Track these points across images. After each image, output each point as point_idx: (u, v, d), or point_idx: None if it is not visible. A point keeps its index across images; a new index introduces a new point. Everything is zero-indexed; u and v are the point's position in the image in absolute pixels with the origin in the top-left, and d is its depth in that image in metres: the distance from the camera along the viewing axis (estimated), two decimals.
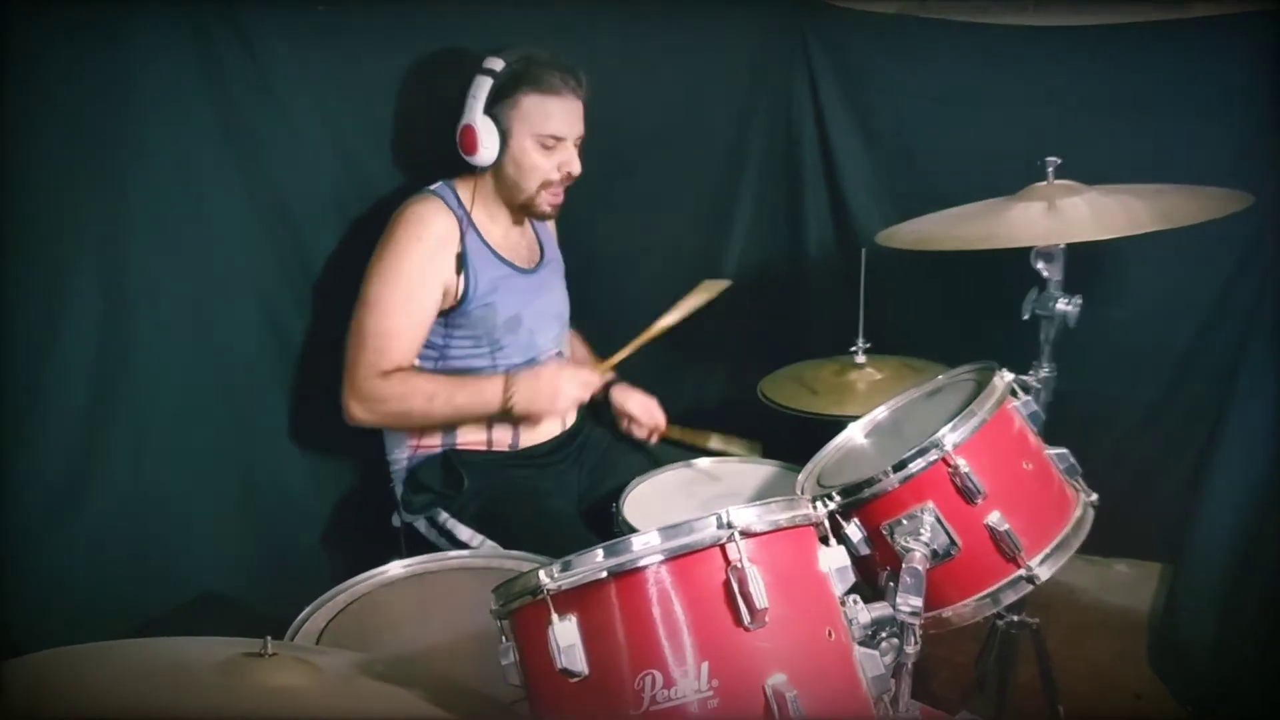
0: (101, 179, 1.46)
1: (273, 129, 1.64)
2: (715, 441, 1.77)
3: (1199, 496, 2.04)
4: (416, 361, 1.68)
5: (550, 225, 1.90)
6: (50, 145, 1.40)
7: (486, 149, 1.62)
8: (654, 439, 1.83)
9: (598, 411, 1.92)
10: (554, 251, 1.87)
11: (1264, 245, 1.97)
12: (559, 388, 1.62)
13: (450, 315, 1.66)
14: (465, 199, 1.69)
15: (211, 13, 1.54)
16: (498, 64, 1.61)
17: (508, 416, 1.67)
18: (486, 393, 1.61)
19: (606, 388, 1.89)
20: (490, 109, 1.61)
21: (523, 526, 1.58)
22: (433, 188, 1.69)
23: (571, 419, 1.85)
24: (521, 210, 1.72)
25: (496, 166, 1.66)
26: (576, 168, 1.67)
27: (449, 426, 1.70)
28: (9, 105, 1.33)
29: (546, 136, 1.63)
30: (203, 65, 1.55)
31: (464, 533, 1.64)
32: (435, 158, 1.71)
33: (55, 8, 1.36)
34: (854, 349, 1.87)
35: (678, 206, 2.37)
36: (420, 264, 1.61)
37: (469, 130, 1.62)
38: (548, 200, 1.69)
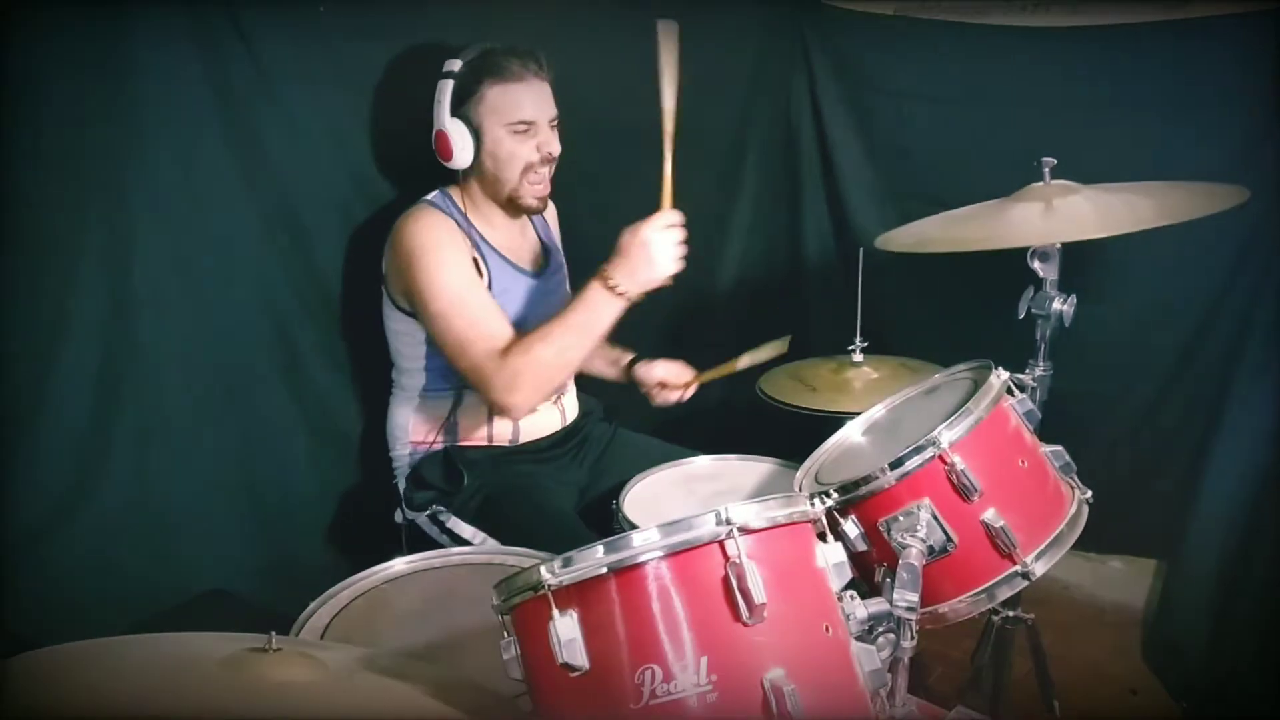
0: (103, 180, 1.46)
1: (275, 130, 1.64)
2: (745, 360, 1.79)
3: (1194, 493, 2.05)
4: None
5: (554, 228, 1.89)
6: (52, 145, 1.40)
7: (461, 151, 1.63)
8: (689, 392, 1.85)
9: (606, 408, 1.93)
10: (558, 253, 1.87)
11: (1260, 244, 1.98)
12: (652, 257, 1.52)
13: None
14: (463, 205, 1.70)
15: (213, 13, 1.55)
16: (456, 64, 1.62)
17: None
18: (596, 307, 1.52)
19: (630, 365, 1.92)
20: (457, 110, 1.62)
21: (523, 523, 1.59)
22: (429, 198, 1.69)
23: (572, 414, 1.86)
24: (509, 205, 1.72)
25: (477, 165, 1.66)
26: (556, 147, 1.66)
27: (457, 420, 1.71)
28: (10, 105, 1.33)
29: (517, 123, 1.63)
30: (204, 66, 1.55)
31: (465, 530, 1.65)
32: (436, 158, 1.71)
33: (56, 7, 1.36)
34: (852, 348, 1.88)
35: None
36: (455, 257, 1.61)
37: (441, 136, 1.62)
38: (531, 192, 1.68)
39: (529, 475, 1.70)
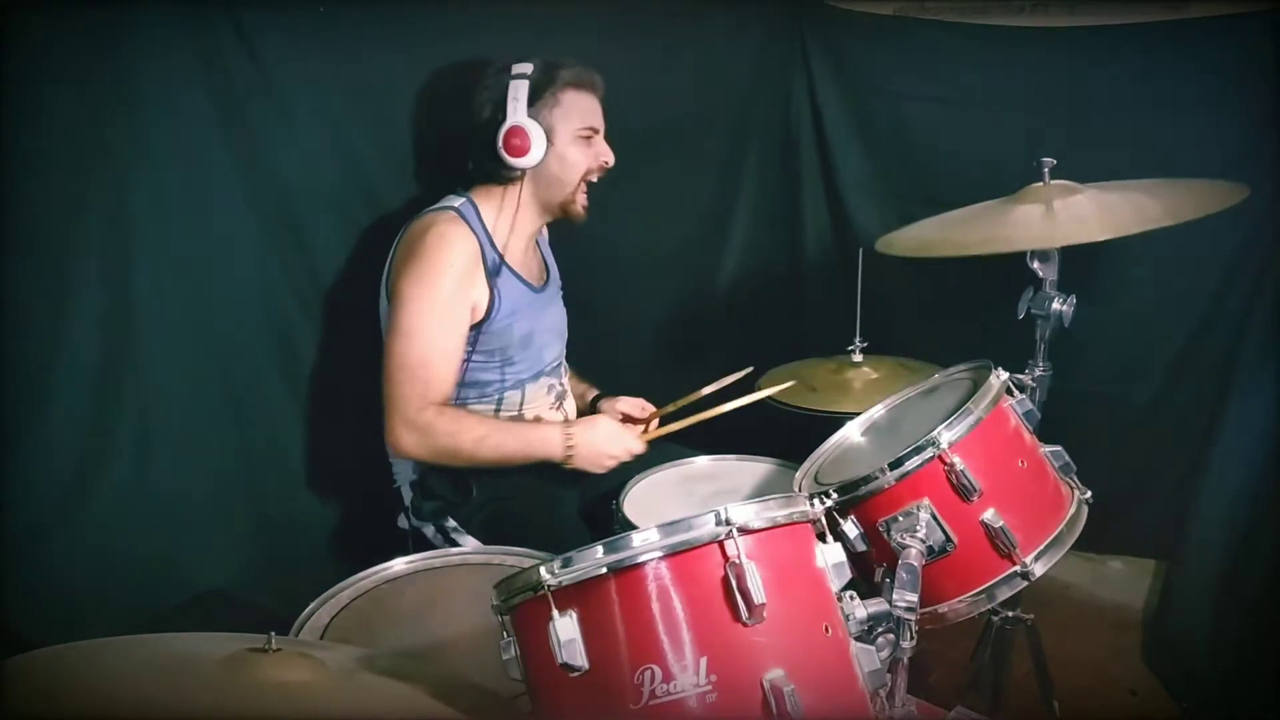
0: (104, 179, 1.46)
1: (274, 130, 1.65)
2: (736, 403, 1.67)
3: (1194, 493, 2.05)
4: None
5: (547, 239, 1.89)
6: (53, 145, 1.40)
7: (536, 149, 1.62)
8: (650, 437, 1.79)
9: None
10: (555, 268, 1.87)
11: (1259, 244, 1.98)
12: (610, 450, 1.62)
13: (471, 332, 1.66)
14: (488, 214, 1.68)
15: (213, 13, 1.55)
16: (528, 68, 1.63)
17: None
18: (535, 445, 1.61)
19: (594, 402, 1.90)
20: (530, 110, 1.62)
21: (530, 536, 1.56)
22: (456, 205, 1.66)
23: (573, 417, 1.86)
24: (559, 210, 1.71)
25: (539, 167, 1.66)
26: (611, 156, 1.70)
27: None
28: (11, 105, 1.34)
29: (586, 129, 1.66)
30: (204, 66, 1.55)
31: (469, 542, 1.65)
32: (436, 158, 1.71)
33: (57, 8, 1.37)
34: (851, 348, 1.88)
35: (677, 207, 2.38)
36: (452, 291, 1.60)
37: (518, 132, 1.61)
38: (581, 201, 1.70)
39: (534, 485, 1.69)
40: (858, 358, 1.87)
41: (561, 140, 1.65)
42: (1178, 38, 1.99)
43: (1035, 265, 1.54)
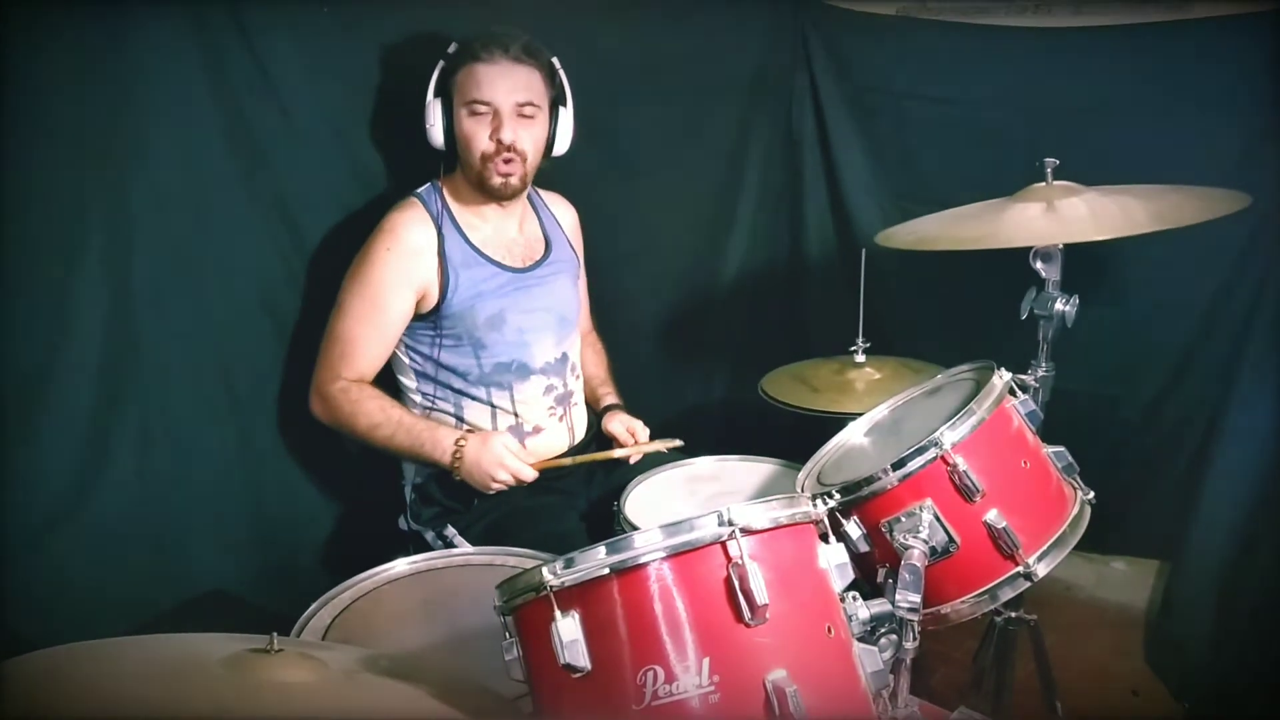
0: (105, 177, 1.46)
1: (276, 128, 1.64)
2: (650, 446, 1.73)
3: (1196, 494, 2.05)
4: (409, 375, 1.71)
5: (566, 222, 1.88)
6: (53, 143, 1.40)
7: (434, 128, 1.66)
8: (635, 458, 1.76)
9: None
10: (564, 251, 1.84)
11: (1262, 245, 1.98)
12: (493, 473, 1.58)
13: (433, 316, 1.66)
14: (450, 197, 1.70)
15: (214, 11, 1.55)
16: (452, 48, 1.66)
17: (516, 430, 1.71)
18: (426, 447, 1.61)
19: (602, 413, 1.87)
20: (439, 91, 1.66)
21: (531, 546, 1.55)
22: (420, 191, 1.70)
23: (581, 432, 1.84)
24: (483, 189, 1.69)
25: (453, 147, 1.68)
26: (510, 136, 1.64)
27: None
28: (11, 104, 1.33)
29: (473, 103, 1.64)
30: (205, 64, 1.55)
31: (467, 550, 1.64)
32: (436, 155, 1.71)
33: (57, 7, 1.36)
34: (854, 348, 1.87)
35: (679, 207, 2.38)
36: (389, 275, 1.63)
37: (427, 112, 1.66)
38: (495, 173, 1.66)
39: (537, 500, 1.67)
40: (860, 358, 1.87)
41: (459, 117, 1.66)
42: (1180, 38, 1.98)
43: (1038, 266, 1.54)
